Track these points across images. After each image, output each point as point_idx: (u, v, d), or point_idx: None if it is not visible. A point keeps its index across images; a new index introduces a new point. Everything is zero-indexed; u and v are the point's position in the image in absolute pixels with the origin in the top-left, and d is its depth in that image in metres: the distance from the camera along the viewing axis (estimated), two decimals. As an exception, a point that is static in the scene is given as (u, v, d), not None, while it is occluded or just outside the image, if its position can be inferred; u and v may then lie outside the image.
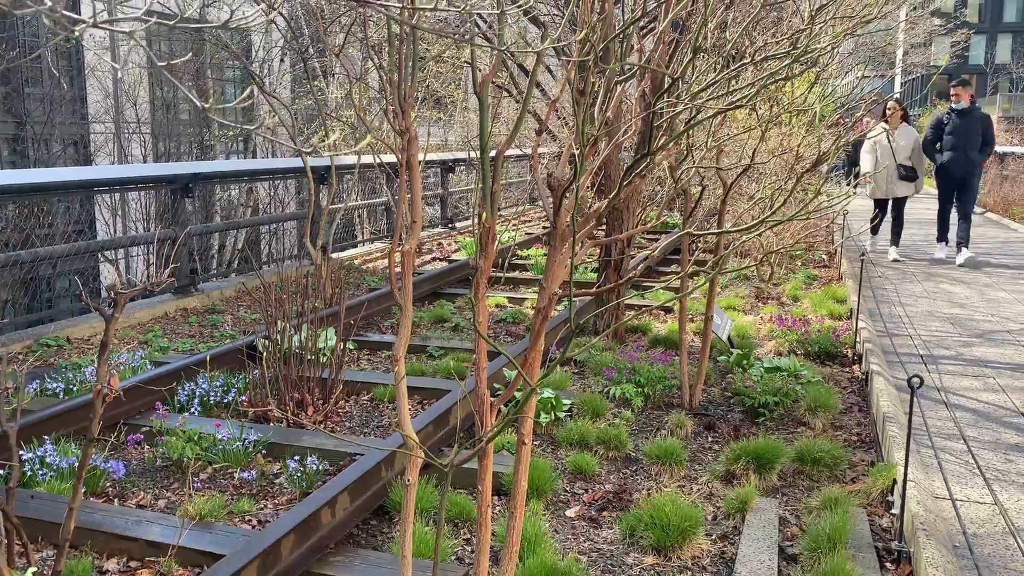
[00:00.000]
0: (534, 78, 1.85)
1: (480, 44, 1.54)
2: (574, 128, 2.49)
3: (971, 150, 9.52)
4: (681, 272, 2.30)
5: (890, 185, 9.87)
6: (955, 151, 9.55)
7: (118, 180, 6.99)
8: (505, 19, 1.47)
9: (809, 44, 2.13)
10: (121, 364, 5.27)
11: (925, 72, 24.84)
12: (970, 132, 9.49)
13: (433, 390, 4.91)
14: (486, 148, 2.27)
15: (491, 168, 2.37)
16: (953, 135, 9.56)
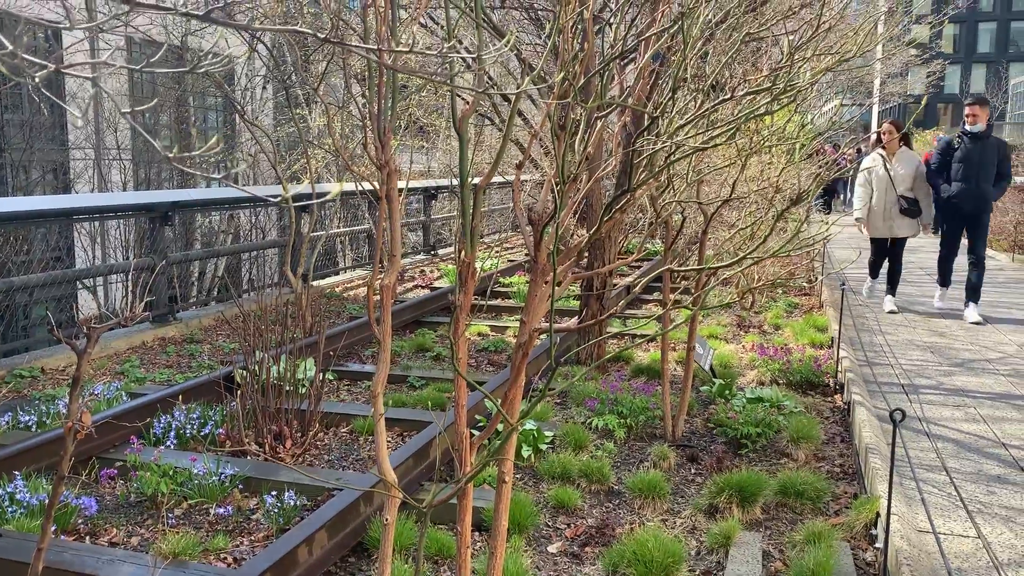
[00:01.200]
0: (513, 118, 1.83)
1: (460, 87, 1.52)
2: (555, 158, 2.47)
3: (984, 182, 7.94)
4: (663, 311, 2.28)
5: (889, 222, 8.45)
6: (966, 182, 7.95)
7: (97, 208, 6.93)
8: (485, 64, 1.46)
9: (789, 81, 2.14)
10: (96, 396, 5.19)
11: (902, 101, 25.24)
12: (985, 161, 7.91)
13: (414, 422, 4.86)
14: (467, 183, 2.25)
15: (471, 202, 2.35)
16: (964, 163, 7.95)
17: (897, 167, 8.41)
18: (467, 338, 3.91)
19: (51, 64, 0.85)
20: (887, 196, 8.38)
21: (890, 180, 8.39)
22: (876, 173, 8.47)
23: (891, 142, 8.44)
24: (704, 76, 4.10)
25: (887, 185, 8.40)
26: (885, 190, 8.39)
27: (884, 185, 8.41)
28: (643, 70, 2.90)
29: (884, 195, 8.40)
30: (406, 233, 14.10)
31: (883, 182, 8.43)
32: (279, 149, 13.29)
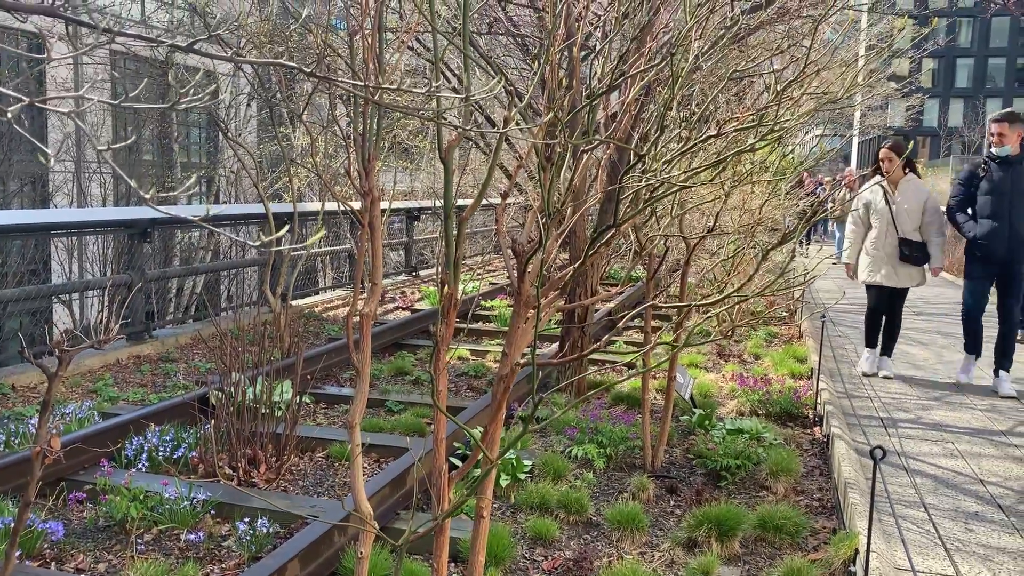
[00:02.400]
0: (497, 155, 1.82)
1: (447, 123, 1.50)
2: (540, 186, 2.46)
3: (1019, 219, 6.30)
4: (643, 350, 2.26)
5: (889, 268, 6.75)
6: (995, 219, 6.32)
7: (75, 224, 6.85)
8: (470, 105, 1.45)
9: (775, 122, 2.14)
10: (67, 415, 5.09)
11: (881, 134, 25.58)
12: (1019, 191, 6.30)
13: (391, 448, 4.80)
14: (450, 215, 2.22)
15: (455, 234, 2.33)
16: (993, 195, 6.33)
17: (902, 201, 6.69)
18: (447, 362, 3.87)
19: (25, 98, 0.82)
20: (887, 237, 6.72)
21: (891, 217, 6.69)
22: (876, 207, 6.81)
23: (894, 169, 6.72)
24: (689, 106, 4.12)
25: (888, 223, 6.72)
26: (886, 229, 6.73)
27: (885, 223, 6.74)
28: (628, 105, 2.91)
29: (884, 235, 6.73)
30: (388, 253, 14.05)
31: (884, 219, 6.75)
32: (262, 167, 13.24)
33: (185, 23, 13.37)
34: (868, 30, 18.12)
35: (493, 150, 1.75)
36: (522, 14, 9.09)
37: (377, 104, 1.56)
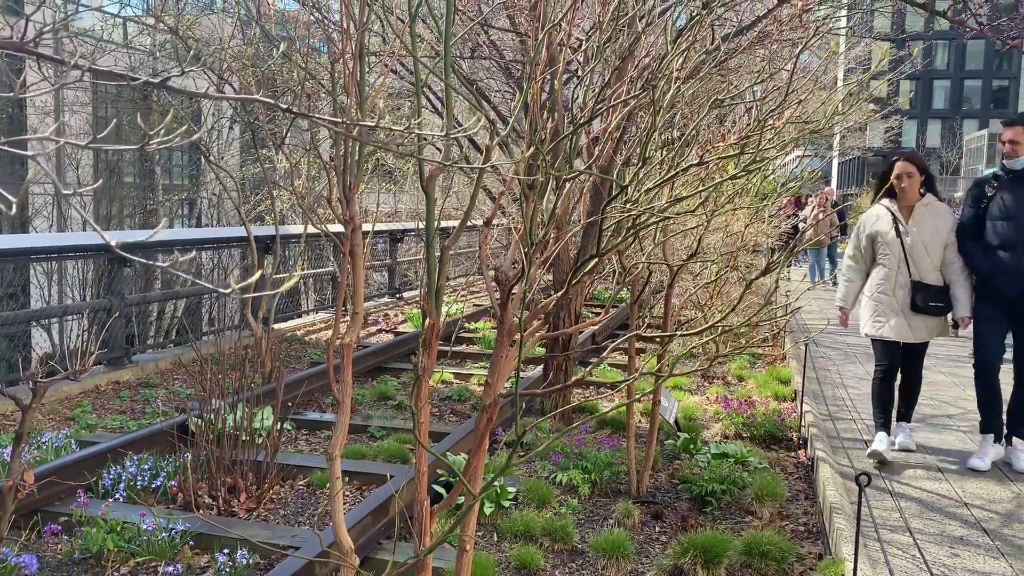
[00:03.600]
0: (477, 192, 1.80)
1: (427, 159, 1.49)
2: (523, 212, 2.44)
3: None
4: (628, 379, 2.25)
5: (901, 318, 5.19)
6: (1007, 249, 4.98)
7: (55, 248, 6.77)
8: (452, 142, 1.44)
9: (757, 153, 2.15)
10: (43, 444, 5.00)
11: (861, 155, 25.85)
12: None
13: (373, 475, 4.74)
14: (432, 244, 2.20)
15: (437, 263, 2.31)
16: (1005, 220, 4.97)
17: (918, 232, 5.11)
18: (431, 386, 3.84)
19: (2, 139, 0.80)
20: (898, 279, 5.14)
21: (904, 254, 5.12)
22: (883, 239, 5.21)
23: (910, 189, 5.13)
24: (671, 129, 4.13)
25: (900, 261, 5.15)
26: (896, 269, 5.15)
27: (896, 261, 5.16)
28: (610, 133, 2.91)
29: (894, 277, 5.16)
30: (371, 274, 13.99)
31: (895, 255, 5.16)
32: (244, 189, 13.19)
33: (167, 47, 13.35)
34: (846, 53, 18.35)
35: (475, 181, 1.73)
36: (505, 38, 9.13)
37: (356, 140, 1.54)
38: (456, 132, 1.28)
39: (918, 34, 28.59)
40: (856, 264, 5.45)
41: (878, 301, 5.27)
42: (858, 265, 5.43)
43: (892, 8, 9.86)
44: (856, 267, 5.44)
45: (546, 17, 3.42)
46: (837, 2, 10.10)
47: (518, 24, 7.42)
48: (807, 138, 4.44)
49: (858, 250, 5.41)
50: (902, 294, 5.19)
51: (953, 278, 5.16)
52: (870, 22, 16.73)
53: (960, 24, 6.20)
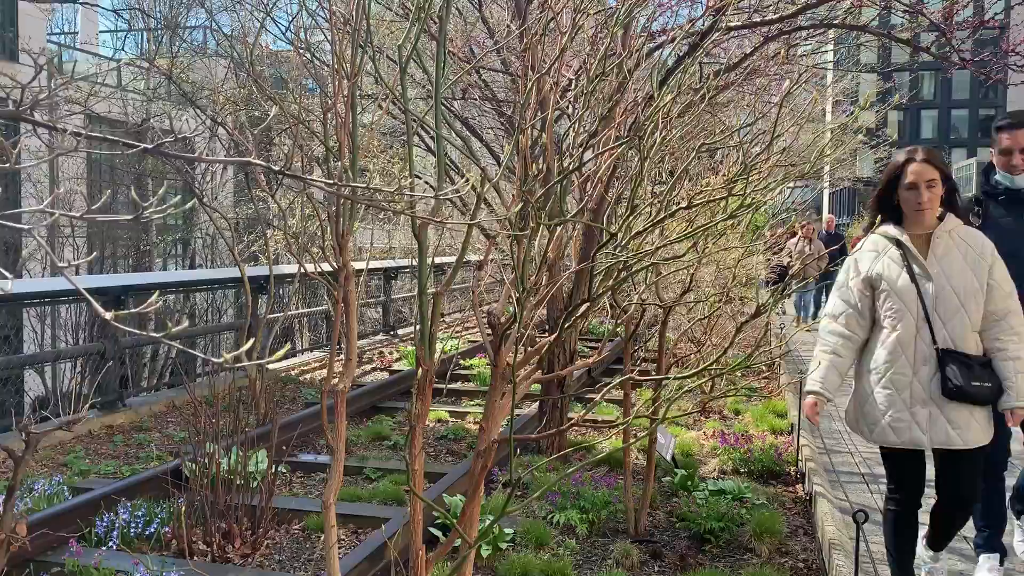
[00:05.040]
0: (466, 248, 1.82)
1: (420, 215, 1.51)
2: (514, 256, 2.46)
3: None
4: (623, 421, 2.25)
5: (925, 412, 3.38)
6: None
7: (48, 293, 6.77)
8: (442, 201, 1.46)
9: (745, 194, 2.17)
10: (35, 491, 4.96)
11: (851, 185, 26.08)
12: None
13: (369, 518, 4.71)
14: (425, 291, 2.22)
15: (430, 310, 2.31)
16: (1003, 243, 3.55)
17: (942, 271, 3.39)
18: (426, 425, 3.82)
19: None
20: (918, 346, 3.38)
21: (924, 307, 3.38)
22: (890, 286, 3.43)
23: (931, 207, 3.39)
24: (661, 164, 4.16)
25: (919, 319, 3.39)
26: (916, 330, 3.39)
27: (914, 318, 3.39)
28: (600, 178, 2.94)
29: (913, 344, 3.39)
30: (365, 311, 13.98)
31: (911, 310, 3.39)
32: (238, 229, 13.22)
33: (160, 90, 13.47)
34: (834, 86, 18.56)
35: (465, 234, 1.75)
36: (496, 77, 9.23)
37: (348, 199, 1.56)
38: (446, 192, 1.30)
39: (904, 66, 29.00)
40: (845, 327, 3.48)
41: (888, 386, 3.38)
42: (848, 328, 3.48)
43: (878, 43, 10.02)
44: (844, 331, 3.48)
45: (536, 60, 3.47)
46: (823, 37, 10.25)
47: (509, 63, 7.52)
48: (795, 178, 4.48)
49: (848, 304, 3.48)
50: (927, 372, 3.33)
51: (998, 342, 3.36)
52: (857, 55, 16.96)
53: (944, 59, 6.30)
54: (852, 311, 3.51)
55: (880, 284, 3.45)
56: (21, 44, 11.69)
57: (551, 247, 2.33)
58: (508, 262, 2.99)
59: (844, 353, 3.52)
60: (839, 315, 3.53)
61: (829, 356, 3.51)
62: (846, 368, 3.57)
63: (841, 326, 3.52)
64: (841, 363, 3.52)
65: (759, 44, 6.46)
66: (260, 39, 9.32)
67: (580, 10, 2.51)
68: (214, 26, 13.49)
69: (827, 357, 3.51)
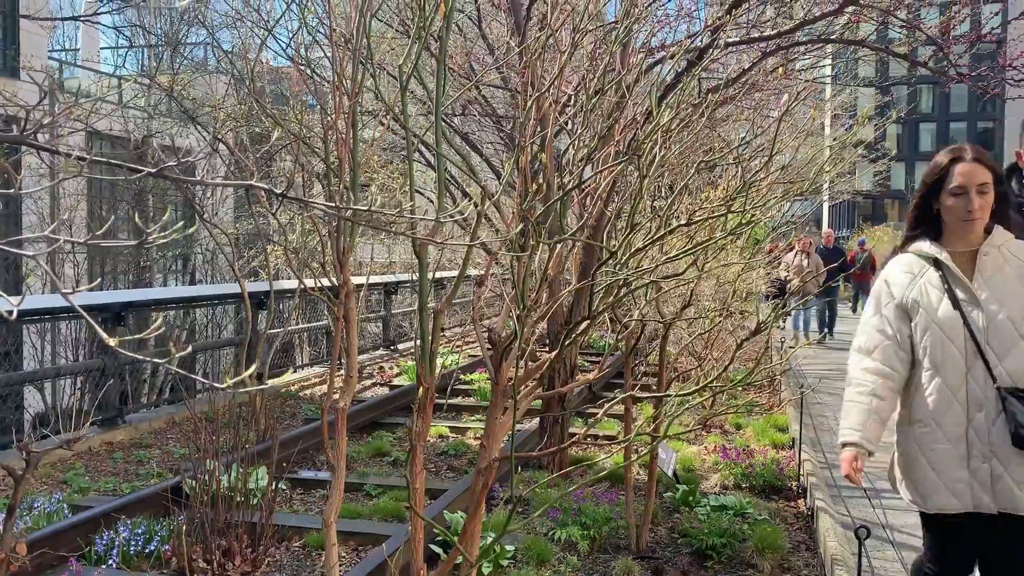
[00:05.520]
0: (466, 265, 1.82)
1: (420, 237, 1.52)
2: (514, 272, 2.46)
3: None
4: (624, 439, 2.25)
5: (986, 468, 2.70)
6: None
7: (48, 310, 6.77)
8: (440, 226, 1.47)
9: (744, 212, 2.18)
10: (35, 509, 4.94)
11: (851, 198, 26.11)
12: None
13: (369, 535, 4.70)
14: (425, 309, 2.22)
15: (431, 327, 2.32)
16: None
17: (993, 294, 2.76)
18: (427, 441, 3.81)
19: None
20: (970, 387, 2.74)
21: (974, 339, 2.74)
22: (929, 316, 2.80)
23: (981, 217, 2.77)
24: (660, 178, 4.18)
25: (971, 353, 2.75)
26: (965, 368, 2.75)
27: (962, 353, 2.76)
28: (599, 195, 2.96)
29: (963, 384, 2.75)
30: (366, 326, 13.96)
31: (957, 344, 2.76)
32: (238, 244, 13.24)
33: (161, 108, 13.52)
34: (832, 100, 18.62)
35: (464, 255, 1.76)
36: (496, 93, 9.27)
37: (350, 221, 1.57)
38: (446, 216, 1.30)
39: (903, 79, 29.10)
40: (882, 362, 2.83)
41: (939, 441, 2.75)
42: (886, 363, 2.82)
43: (876, 57, 10.06)
44: (882, 367, 2.82)
45: (535, 77, 3.49)
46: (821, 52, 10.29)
47: (508, 79, 7.55)
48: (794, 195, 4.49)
49: (884, 335, 2.84)
50: (983, 419, 2.70)
51: None
52: (855, 69, 17.02)
53: (941, 74, 6.33)
54: (889, 343, 2.83)
55: (917, 314, 2.79)
56: (23, 62, 11.75)
57: (551, 264, 2.33)
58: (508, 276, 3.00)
59: (885, 394, 2.81)
60: (873, 349, 2.86)
61: (867, 399, 2.81)
62: (888, 412, 2.85)
63: (877, 362, 2.84)
64: (882, 407, 2.82)
65: (757, 59, 6.50)
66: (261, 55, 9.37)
67: (578, 29, 2.53)
68: (215, 42, 13.56)
69: (864, 400, 2.82)
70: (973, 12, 6.97)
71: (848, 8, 5.72)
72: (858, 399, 2.85)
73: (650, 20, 6.37)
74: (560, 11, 3.13)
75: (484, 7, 8.12)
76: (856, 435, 2.82)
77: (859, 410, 2.83)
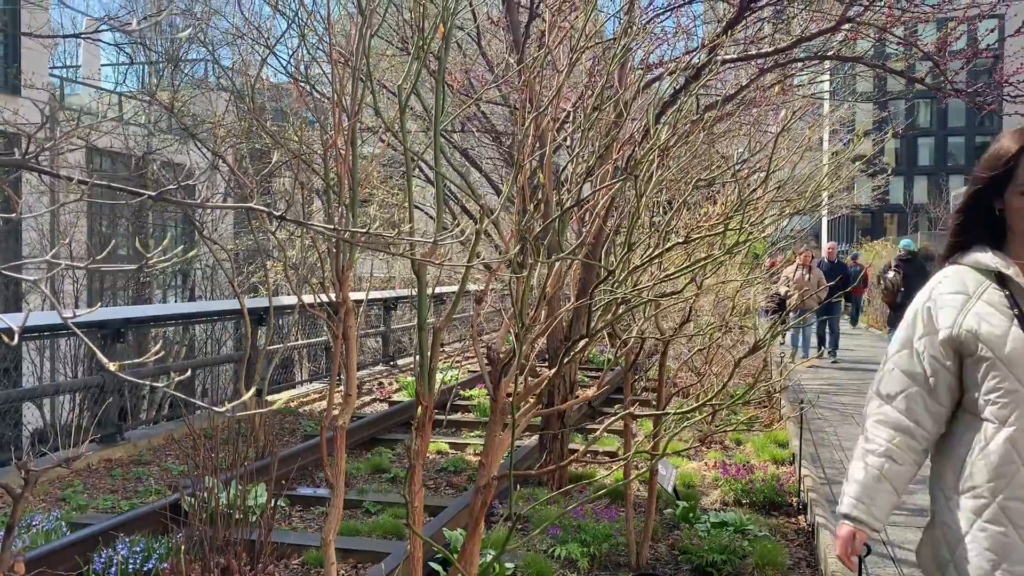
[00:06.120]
0: (463, 289, 1.83)
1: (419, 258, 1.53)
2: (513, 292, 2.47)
3: None
4: (624, 457, 2.25)
5: None
6: None
7: (47, 327, 6.77)
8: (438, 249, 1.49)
9: (742, 230, 2.19)
10: (34, 526, 4.93)
11: (848, 212, 26.17)
12: None
13: (368, 553, 4.68)
14: (424, 328, 2.22)
15: (430, 344, 2.32)
16: None
17: None
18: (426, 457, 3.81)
19: None
20: None
21: None
22: (992, 350, 2.05)
23: None
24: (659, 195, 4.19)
25: None
26: None
27: None
28: (597, 213, 2.97)
29: None
30: (365, 341, 13.95)
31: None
32: (238, 260, 13.25)
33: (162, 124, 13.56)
34: (830, 115, 18.69)
35: (463, 276, 1.77)
36: (496, 109, 9.31)
37: (348, 242, 1.58)
38: (443, 237, 1.31)
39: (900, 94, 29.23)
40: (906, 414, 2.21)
41: (1000, 520, 2.07)
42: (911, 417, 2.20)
43: (873, 72, 10.11)
44: (905, 421, 2.21)
45: (534, 94, 3.51)
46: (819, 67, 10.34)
47: (507, 96, 7.58)
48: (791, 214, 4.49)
49: (913, 379, 2.21)
50: None
51: None
52: (852, 84, 17.09)
53: (938, 90, 6.36)
54: (919, 390, 2.16)
55: (976, 348, 2.07)
56: (24, 79, 11.80)
57: (550, 282, 2.34)
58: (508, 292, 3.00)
59: (903, 457, 2.17)
60: (896, 395, 2.19)
61: (879, 461, 2.19)
62: (906, 481, 2.20)
63: (900, 413, 2.18)
64: (898, 473, 2.17)
65: (755, 76, 6.53)
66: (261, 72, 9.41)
67: (576, 49, 2.55)
68: (215, 59, 13.61)
69: (875, 462, 2.19)
70: (970, 28, 7.01)
71: (844, 25, 5.75)
72: (868, 460, 2.21)
73: (648, 37, 6.40)
74: (558, 30, 3.15)
75: (483, 24, 8.17)
76: (859, 509, 2.20)
77: (867, 476, 2.19)
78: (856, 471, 2.24)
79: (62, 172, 9.83)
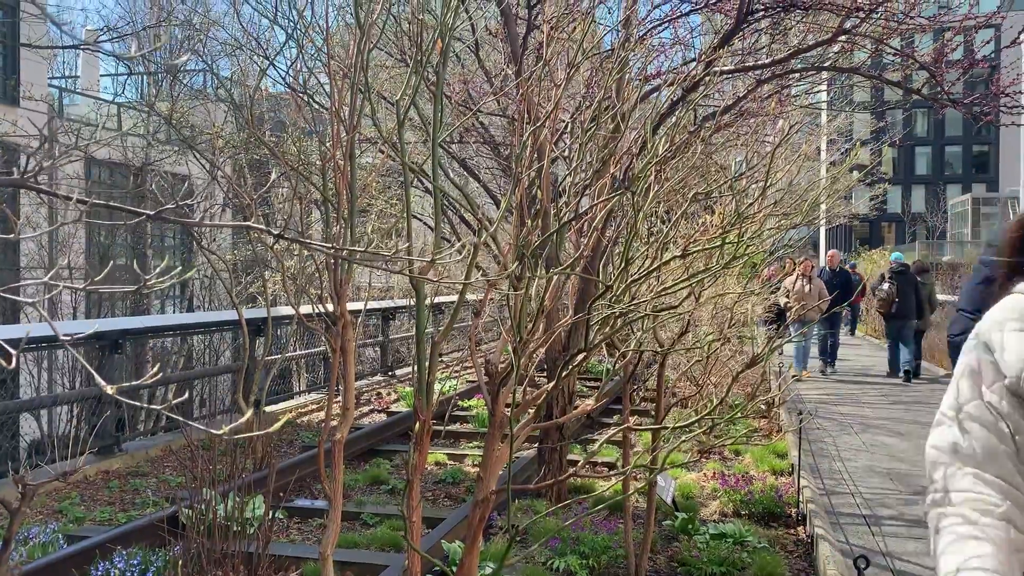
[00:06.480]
0: (459, 311, 1.83)
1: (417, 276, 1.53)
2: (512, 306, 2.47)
3: None
4: (623, 471, 2.24)
5: None
6: None
7: (44, 339, 6.76)
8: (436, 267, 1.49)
9: (739, 243, 2.20)
10: (31, 539, 4.91)
11: (846, 222, 26.18)
12: None
13: (367, 565, 4.66)
14: (422, 341, 2.22)
15: (428, 357, 2.32)
16: None
17: None
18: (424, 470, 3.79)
19: None
20: None
21: None
22: None
23: None
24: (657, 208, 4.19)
25: None
26: None
27: None
28: (595, 227, 2.97)
29: None
30: (363, 351, 13.93)
31: None
32: (236, 270, 13.24)
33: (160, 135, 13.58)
34: (828, 124, 18.73)
35: (460, 293, 1.76)
36: (494, 119, 9.32)
37: (346, 260, 1.58)
38: (441, 255, 1.31)
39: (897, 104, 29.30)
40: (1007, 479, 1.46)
41: None
42: (1010, 483, 1.46)
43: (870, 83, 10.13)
44: (1006, 488, 1.46)
45: (532, 106, 3.51)
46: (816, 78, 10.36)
47: (506, 108, 7.59)
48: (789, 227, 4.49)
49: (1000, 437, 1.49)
50: None
51: None
52: (850, 95, 17.12)
53: (935, 100, 6.37)
54: (1005, 449, 1.50)
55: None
56: (23, 90, 11.82)
57: (548, 295, 2.34)
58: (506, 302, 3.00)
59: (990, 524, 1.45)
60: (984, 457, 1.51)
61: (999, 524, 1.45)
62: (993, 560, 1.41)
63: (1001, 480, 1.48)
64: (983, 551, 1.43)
65: (752, 87, 6.54)
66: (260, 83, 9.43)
67: (573, 64, 2.55)
68: (213, 70, 13.63)
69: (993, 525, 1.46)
70: (967, 39, 7.03)
71: (841, 37, 5.77)
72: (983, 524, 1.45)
73: (646, 48, 6.42)
74: (556, 42, 3.16)
75: (482, 35, 8.19)
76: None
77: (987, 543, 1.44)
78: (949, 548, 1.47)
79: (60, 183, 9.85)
